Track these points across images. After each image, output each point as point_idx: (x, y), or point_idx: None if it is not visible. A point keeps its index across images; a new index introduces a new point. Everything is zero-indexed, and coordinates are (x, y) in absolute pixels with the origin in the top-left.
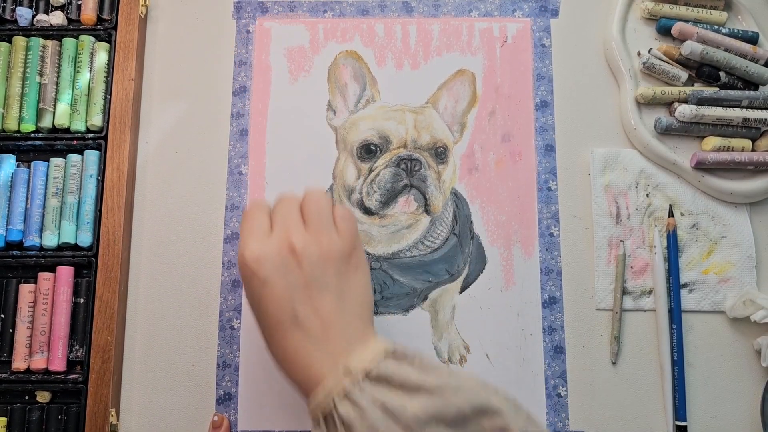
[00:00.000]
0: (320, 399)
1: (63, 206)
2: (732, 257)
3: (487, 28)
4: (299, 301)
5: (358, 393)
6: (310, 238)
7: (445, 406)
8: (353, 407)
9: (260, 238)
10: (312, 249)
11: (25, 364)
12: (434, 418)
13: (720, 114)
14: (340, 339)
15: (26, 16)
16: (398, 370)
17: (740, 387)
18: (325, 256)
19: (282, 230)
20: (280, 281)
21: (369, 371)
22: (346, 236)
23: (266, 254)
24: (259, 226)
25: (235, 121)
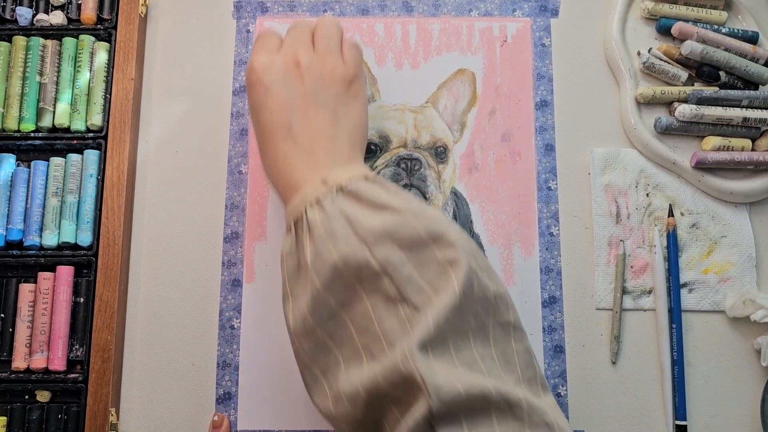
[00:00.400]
0: (295, 204)
1: (63, 206)
2: (732, 257)
3: (487, 28)
4: (296, 111)
5: (329, 202)
6: (315, 57)
7: (402, 225)
8: (320, 212)
9: (270, 51)
10: (316, 67)
11: (25, 364)
12: (389, 235)
13: (720, 114)
14: (326, 155)
15: (26, 15)
16: (370, 189)
17: (740, 386)
18: (327, 77)
19: (291, 47)
20: (282, 90)
21: (343, 186)
22: (350, 63)
23: (273, 64)
24: (271, 42)
25: (235, 121)
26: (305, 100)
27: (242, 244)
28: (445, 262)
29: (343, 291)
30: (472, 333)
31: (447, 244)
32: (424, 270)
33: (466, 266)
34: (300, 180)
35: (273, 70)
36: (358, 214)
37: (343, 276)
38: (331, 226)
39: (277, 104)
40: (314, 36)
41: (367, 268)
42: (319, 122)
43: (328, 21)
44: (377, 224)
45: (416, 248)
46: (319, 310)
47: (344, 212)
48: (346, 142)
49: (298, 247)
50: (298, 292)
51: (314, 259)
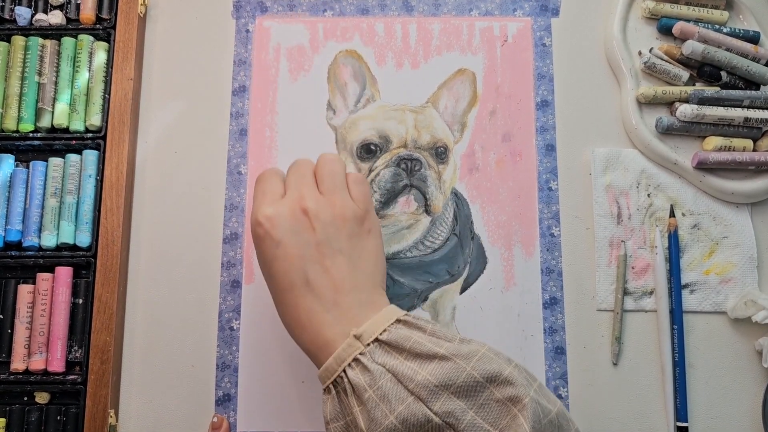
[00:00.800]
0: (330, 365)
1: (62, 206)
2: (733, 257)
3: (487, 28)
4: (311, 262)
5: (368, 358)
6: (323, 200)
7: (455, 372)
8: (363, 372)
9: (274, 200)
10: (325, 211)
11: (24, 365)
12: (444, 385)
13: (721, 114)
14: (352, 303)
15: (25, 15)
16: (409, 335)
17: (742, 388)
18: (338, 219)
19: (296, 192)
20: (293, 242)
21: (379, 337)
22: (359, 200)
23: (280, 215)
24: (273, 189)
25: (235, 121)
26: (319, 249)
27: (242, 245)
28: (506, 400)
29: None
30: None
31: (504, 381)
32: (486, 412)
33: (530, 401)
34: (329, 337)
35: (281, 221)
36: (405, 368)
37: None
38: (380, 387)
39: (291, 257)
40: (317, 174)
41: (429, 424)
42: (337, 270)
43: (330, 158)
44: (428, 376)
45: (474, 393)
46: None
47: (389, 369)
48: (368, 285)
49: (344, 409)
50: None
51: (369, 425)
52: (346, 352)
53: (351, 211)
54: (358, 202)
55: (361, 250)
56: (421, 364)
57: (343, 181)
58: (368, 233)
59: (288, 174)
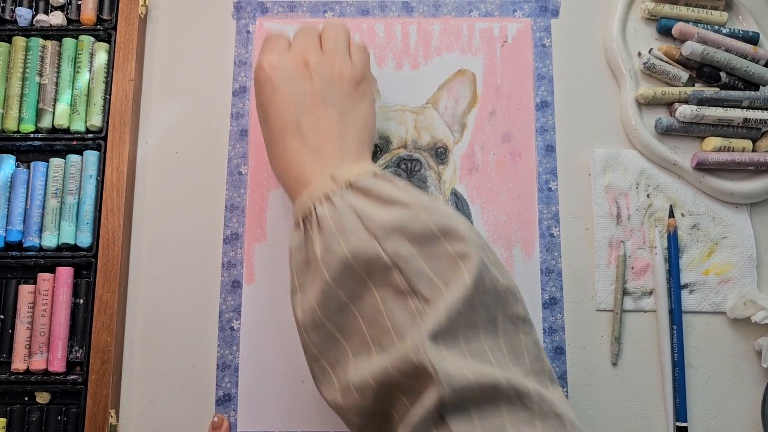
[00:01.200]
0: (304, 200)
1: (62, 207)
2: (733, 258)
3: (487, 28)
4: (305, 110)
5: (338, 199)
6: (324, 57)
7: (412, 219)
8: (329, 208)
9: (279, 51)
10: (324, 67)
11: (25, 365)
12: (399, 229)
13: (720, 114)
14: (335, 153)
15: (26, 16)
16: (378, 185)
17: (741, 388)
18: (335, 76)
19: (299, 48)
20: (291, 89)
21: (352, 182)
22: (358, 64)
23: (282, 63)
24: (279, 44)
25: (235, 122)
26: (314, 99)
27: (242, 246)
28: (456, 255)
29: (352, 284)
30: (482, 325)
31: (457, 237)
32: (434, 263)
33: (478, 259)
34: (309, 176)
35: (282, 69)
36: (368, 209)
37: (352, 270)
38: (341, 221)
39: (286, 102)
40: (322, 38)
41: (378, 261)
42: (327, 120)
43: (336, 23)
44: (387, 218)
45: (426, 242)
46: (328, 303)
47: (353, 207)
48: (354, 140)
49: (307, 242)
50: (306, 286)
51: (324, 254)
52: (319, 189)
53: (348, 72)
54: (356, 65)
55: (353, 108)
56: (383, 207)
57: (345, 45)
58: (362, 96)
59: (295, 34)
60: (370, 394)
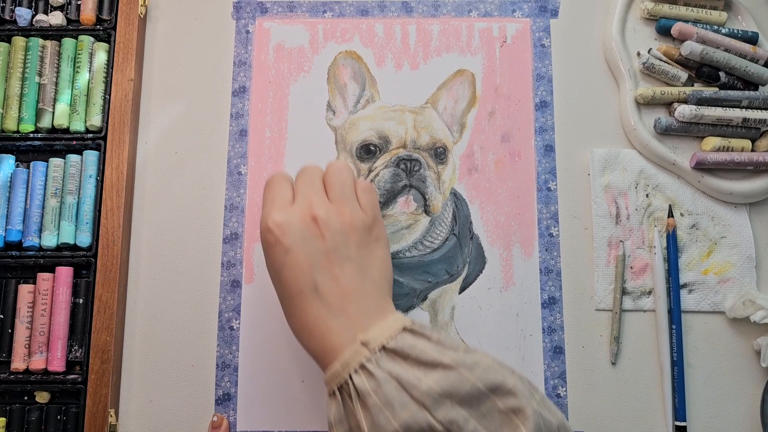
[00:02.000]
0: (336, 370)
1: (62, 206)
2: (732, 257)
3: (486, 29)
4: (320, 270)
5: (374, 365)
6: (332, 208)
7: (459, 382)
8: (368, 379)
9: (283, 206)
10: (334, 219)
11: (24, 365)
12: (448, 394)
13: (720, 114)
14: (359, 310)
15: (25, 16)
16: (415, 344)
17: (740, 387)
18: (347, 227)
19: (305, 200)
20: (303, 249)
21: (386, 344)
22: (368, 209)
23: (290, 222)
24: (282, 195)
25: (235, 122)
26: (328, 257)
27: (242, 245)
28: (509, 411)
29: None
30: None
31: (507, 392)
32: (488, 422)
33: (532, 413)
34: (336, 343)
35: (291, 228)
36: (410, 376)
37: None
38: (385, 393)
39: (300, 264)
40: (326, 182)
41: (432, 431)
42: (345, 278)
43: (340, 166)
44: (433, 385)
45: (477, 402)
46: None
47: (394, 375)
48: (375, 293)
49: (348, 413)
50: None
51: (372, 430)
52: (352, 358)
53: (360, 220)
54: (366, 210)
55: (369, 258)
56: (425, 372)
57: (352, 190)
58: (376, 241)
59: (297, 180)
60: None
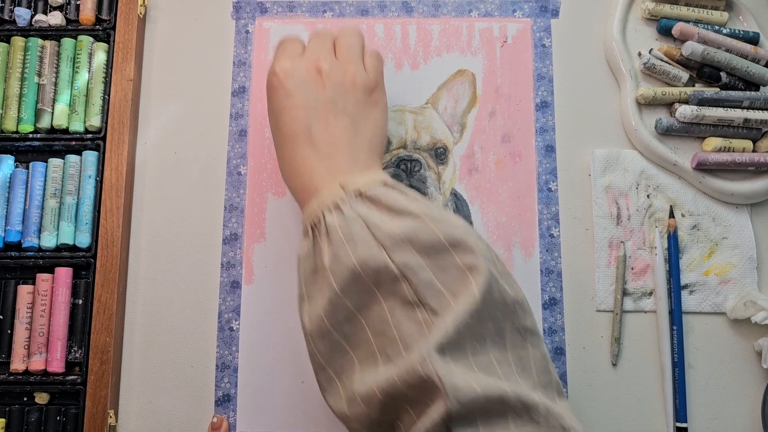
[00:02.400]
0: (313, 207)
1: (61, 207)
2: (733, 258)
3: (487, 29)
4: (316, 116)
5: (347, 206)
6: (337, 64)
7: (421, 230)
8: (338, 216)
9: (292, 57)
10: (337, 74)
11: (24, 366)
12: (408, 239)
13: (721, 115)
14: (345, 161)
15: (24, 16)
16: (388, 194)
17: (741, 388)
18: (348, 84)
19: (313, 54)
20: (303, 95)
21: (362, 191)
22: (371, 72)
23: (295, 69)
24: (292, 48)
25: (234, 122)
26: (326, 106)
27: (241, 246)
28: (465, 267)
29: (360, 294)
30: (489, 338)
31: (466, 249)
32: (443, 275)
33: (486, 271)
34: (318, 184)
35: (295, 75)
36: (377, 219)
37: (360, 279)
38: (350, 230)
39: (298, 108)
40: (336, 43)
41: (386, 272)
42: (338, 128)
43: (351, 30)
44: (396, 229)
45: (435, 253)
46: (335, 312)
47: (363, 216)
48: (365, 148)
49: (316, 250)
50: (314, 295)
51: (332, 263)
52: (328, 197)
53: (361, 79)
54: (370, 73)
55: (365, 116)
56: (393, 218)
57: (359, 52)
58: (375, 104)
59: (309, 40)
60: (376, 404)
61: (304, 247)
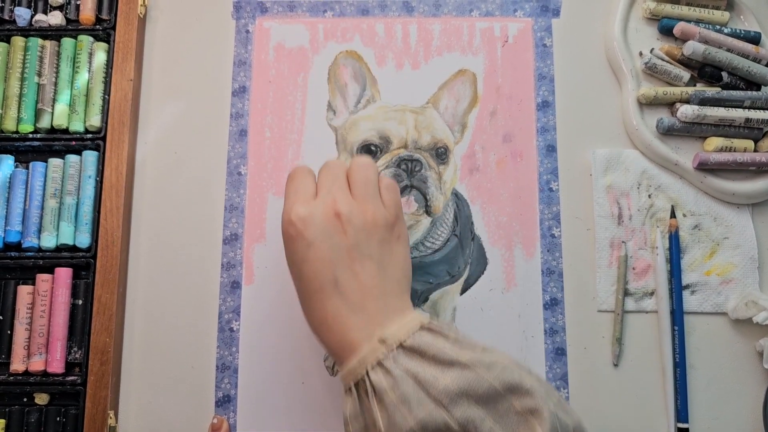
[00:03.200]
0: (353, 366)
1: (61, 207)
2: (734, 258)
3: (488, 28)
4: (341, 265)
5: (392, 362)
6: (355, 205)
7: (476, 381)
8: (385, 376)
9: (306, 200)
10: (357, 216)
11: (24, 366)
12: (465, 393)
13: (722, 114)
14: (378, 308)
15: (25, 16)
16: (433, 342)
17: (742, 389)
18: (369, 225)
19: (328, 195)
20: (325, 244)
21: (404, 342)
22: (390, 207)
23: (313, 216)
24: (305, 189)
25: (235, 122)
26: (350, 254)
27: (241, 246)
28: (526, 411)
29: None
30: None
31: (524, 393)
32: (504, 422)
33: (548, 414)
34: (354, 339)
35: (314, 224)
36: (428, 374)
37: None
38: (401, 390)
39: (321, 260)
40: (350, 179)
41: (447, 430)
42: (366, 275)
43: (364, 162)
44: (450, 383)
45: (493, 402)
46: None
47: (412, 373)
48: (395, 290)
49: (364, 410)
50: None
51: (389, 428)
52: (369, 354)
53: (382, 218)
54: (389, 208)
55: (390, 256)
56: (443, 370)
57: (375, 188)
58: (397, 239)
59: (320, 175)
60: None
61: (349, 406)
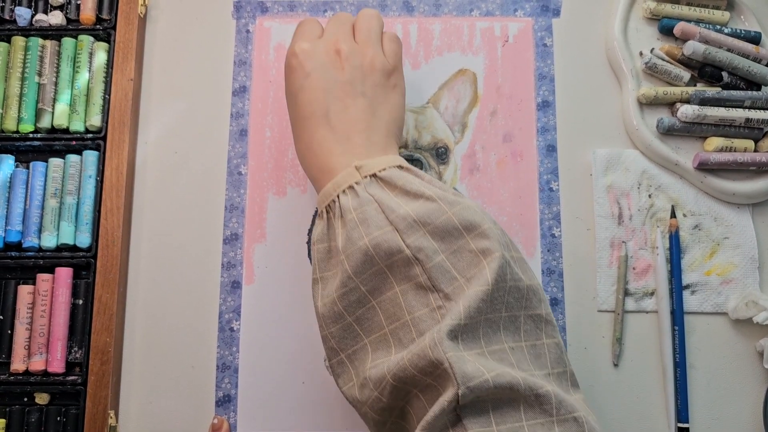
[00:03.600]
0: (328, 189)
1: (62, 207)
2: (735, 258)
3: (488, 28)
4: (334, 98)
5: (361, 188)
6: (356, 47)
7: (436, 212)
8: (353, 198)
9: (311, 38)
10: (356, 57)
11: (24, 366)
12: (422, 222)
13: (722, 114)
14: (362, 143)
15: (25, 15)
16: (405, 177)
17: (743, 389)
18: (367, 66)
19: (332, 35)
20: (322, 76)
21: (378, 172)
22: (390, 55)
23: (314, 50)
24: (312, 30)
25: (235, 121)
26: (344, 88)
27: (242, 246)
28: (478, 251)
29: (373, 277)
30: (502, 324)
31: (480, 234)
32: (456, 259)
33: (499, 256)
34: (334, 166)
35: (314, 56)
36: (391, 201)
37: (373, 262)
38: (364, 212)
39: (316, 90)
40: (355, 27)
41: (399, 255)
42: (356, 110)
43: (370, 13)
44: (410, 212)
45: (449, 237)
46: (348, 295)
47: (377, 198)
48: (382, 131)
49: (330, 232)
50: (327, 277)
51: (345, 245)
52: (344, 179)
53: (380, 63)
54: (388, 56)
55: (383, 99)
56: (407, 201)
57: (378, 36)
58: (393, 88)
59: (328, 22)
60: (388, 389)
61: (318, 228)
